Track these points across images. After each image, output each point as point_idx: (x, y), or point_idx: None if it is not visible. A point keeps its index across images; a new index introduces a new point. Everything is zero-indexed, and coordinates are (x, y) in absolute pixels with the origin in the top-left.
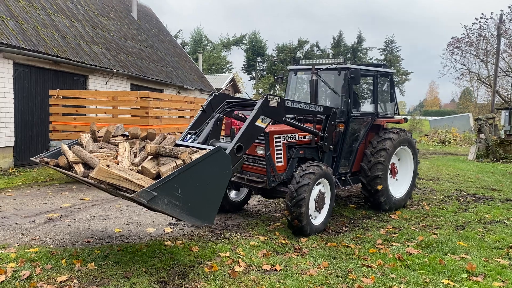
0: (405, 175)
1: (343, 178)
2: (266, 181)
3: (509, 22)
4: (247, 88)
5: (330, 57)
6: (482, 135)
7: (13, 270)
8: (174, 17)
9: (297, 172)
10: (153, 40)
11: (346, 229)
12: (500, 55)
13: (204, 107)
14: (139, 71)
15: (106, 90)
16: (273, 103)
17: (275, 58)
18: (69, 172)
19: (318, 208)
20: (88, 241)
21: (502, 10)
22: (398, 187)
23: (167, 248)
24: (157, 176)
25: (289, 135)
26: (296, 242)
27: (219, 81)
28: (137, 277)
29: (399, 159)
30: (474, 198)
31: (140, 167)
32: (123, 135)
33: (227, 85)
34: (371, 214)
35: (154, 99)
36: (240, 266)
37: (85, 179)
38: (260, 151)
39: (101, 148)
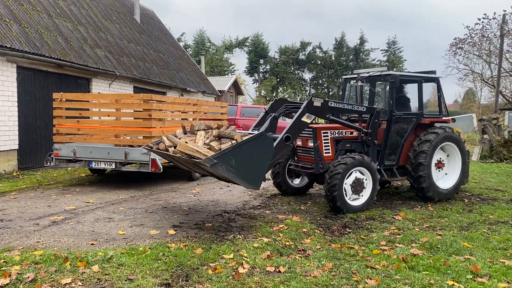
0: (453, 170)
1: (390, 169)
2: (314, 167)
3: None
4: (250, 90)
5: (333, 58)
6: (486, 136)
7: (17, 273)
8: (180, 18)
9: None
10: (156, 43)
11: (350, 230)
12: (503, 55)
13: (266, 109)
14: (142, 73)
15: (109, 93)
16: (317, 103)
17: (277, 60)
18: (166, 152)
19: (356, 192)
20: (92, 244)
21: (505, 11)
22: (445, 180)
23: (170, 250)
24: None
25: (336, 131)
26: (300, 244)
27: (222, 83)
28: (141, 279)
29: (447, 155)
30: (478, 199)
31: (209, 146)
32: (203, 129)
33: (229, 87)
34: (375, 215)
35: (157, 101)
36: (244, 268)
37: (174, 155)
38: (311, 144)
39: (188, 136)
